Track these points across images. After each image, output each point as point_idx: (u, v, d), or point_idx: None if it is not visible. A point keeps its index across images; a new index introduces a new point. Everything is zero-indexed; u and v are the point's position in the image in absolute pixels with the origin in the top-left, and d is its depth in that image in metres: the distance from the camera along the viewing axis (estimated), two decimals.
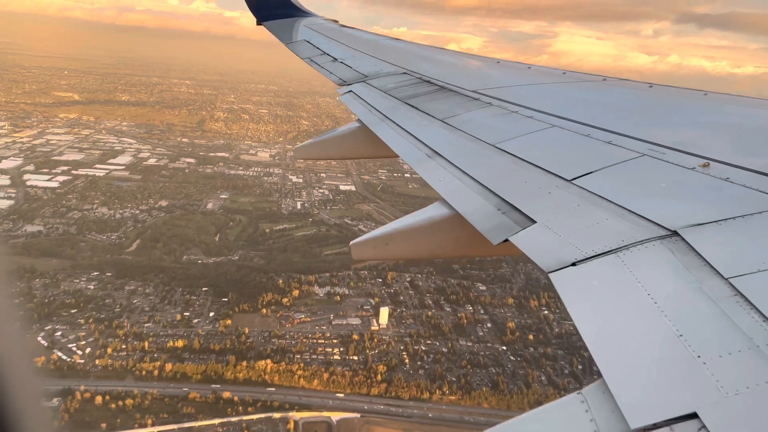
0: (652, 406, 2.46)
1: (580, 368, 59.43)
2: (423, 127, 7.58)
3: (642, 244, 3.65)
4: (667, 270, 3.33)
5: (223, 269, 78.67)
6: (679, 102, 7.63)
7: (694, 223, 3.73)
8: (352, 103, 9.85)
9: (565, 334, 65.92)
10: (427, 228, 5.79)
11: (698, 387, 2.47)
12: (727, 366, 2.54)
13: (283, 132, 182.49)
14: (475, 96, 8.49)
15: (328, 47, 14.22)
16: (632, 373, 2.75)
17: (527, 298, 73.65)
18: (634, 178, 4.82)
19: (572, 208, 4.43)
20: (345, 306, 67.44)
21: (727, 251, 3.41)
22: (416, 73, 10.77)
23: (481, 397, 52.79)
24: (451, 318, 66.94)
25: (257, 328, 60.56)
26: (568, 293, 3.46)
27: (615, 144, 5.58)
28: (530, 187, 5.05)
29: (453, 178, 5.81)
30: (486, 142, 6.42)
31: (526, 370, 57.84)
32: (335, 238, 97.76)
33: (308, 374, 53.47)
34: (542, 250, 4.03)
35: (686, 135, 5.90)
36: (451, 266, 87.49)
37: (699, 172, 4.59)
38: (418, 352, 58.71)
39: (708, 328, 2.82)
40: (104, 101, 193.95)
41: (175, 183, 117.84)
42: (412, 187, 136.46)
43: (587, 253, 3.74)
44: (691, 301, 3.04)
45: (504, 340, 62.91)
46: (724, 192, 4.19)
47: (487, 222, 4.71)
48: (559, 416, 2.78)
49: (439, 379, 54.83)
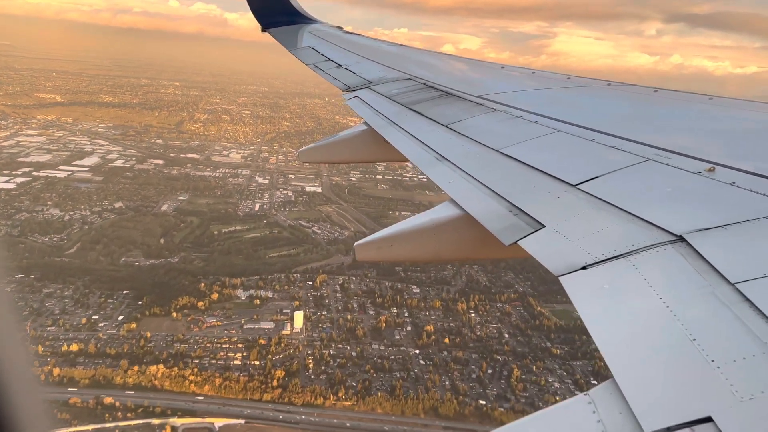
0: (666, 409, 2.46)
1: (489, 372, 58.52)
2: (428, 133, 7.63)
3: (650, 249, 3.66)
4: (678, 274, 3.32)
5: (155, 272, 78.27)
6: (684, 106, 7.72)
7: (699, 228, 3.72)
8: (359, 108, 9.97)
9: (485, 338, 65.05)
10: (432, 230, 5.77)
11: (712, 391, 2.47)
12: (742, 370, 2.53)
13: (261, 133, 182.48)
14: (480, 101, 8.54)
15: (332, 53, 14.34)
16: (645, 376, 2.76)
17: (457, 300, 72.75)
18: (639, 182, 4.85)
19: (578, 213, 4.45)
20: (264, 310, 66.89)
21: (733, 256, 3.42)
22: (420, 78, 10.86)
23: (376, 402, 51.96)
24: (372, 321, 66.18)
25: (162, 332, 60.05)
26: (579, 296, 3.49)
27: (620, 149, 5.58)
28: (535, 191, 5.10)
29: (462, 181, 5.87)
30: (491, 148, 6.46)
31: (431, 374, 56.94)
32: (285, 240, 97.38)
33: (200, 380, 52.91)
34: (551, 254, 4.05)
35: (691, 139, 5.98)
36: (393, 268, 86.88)
37: (704, 176, 4.59)
38: (324, 357, 57.97)
39: (721, 333, 2.82)
40: (86, 103, 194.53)
41: (135, 185, 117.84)
42: (381, 188, 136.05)
43: (597, 258, 3.76)
44: (703, 306, 3.03)
45: (418, 343, 62.08)
46: (730, 197, 4.19)
47: (499, 223, 4.77)
48: (566, 417, 2.80)
49: (338, 384, 54.06)
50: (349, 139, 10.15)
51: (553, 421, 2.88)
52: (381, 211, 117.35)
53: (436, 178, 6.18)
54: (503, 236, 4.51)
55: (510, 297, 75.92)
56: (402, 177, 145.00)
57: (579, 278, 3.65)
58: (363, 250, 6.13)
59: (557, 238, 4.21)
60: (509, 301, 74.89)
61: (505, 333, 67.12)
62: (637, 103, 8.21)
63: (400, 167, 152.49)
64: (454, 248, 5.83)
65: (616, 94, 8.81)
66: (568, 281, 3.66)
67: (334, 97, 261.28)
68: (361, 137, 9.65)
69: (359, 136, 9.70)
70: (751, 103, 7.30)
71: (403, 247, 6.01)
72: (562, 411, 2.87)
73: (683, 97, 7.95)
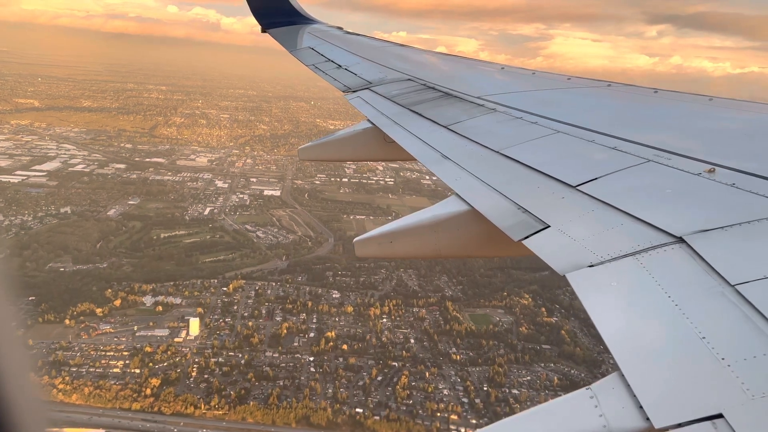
0: (676, 405, 2.46)
1: (379, 379, 57.43)
2: (429, 134, 7.65)
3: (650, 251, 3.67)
4: (686, 274, 3.33)
5: (73, 278, 77.84)
6: (684, 107, 7.71)
7: (699, 229, 3.74)
8: (362, 107, 10.07)
9: (388, 344, 63.95)
10: (432, 226, 5.76)
11: (723, 388, 2.48)
12: (753, 369, 2.53)
13: (236, 137, 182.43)
14: (480, 102, 8.56)
15: (332, 54, 14.40)
16: (654, 372, 2.77)
17: (370, 306, 71.67)
18: (639, 184, 4.86)
19: (579, 215, 4.47)
20: (166, 317, 66.11)
21: (733, 258, 3.42)
22: (420, 79, 10.90)
23: (247, 411, 51.08)
24: (276, 328, 65.25)
25: (48, 340, 59.46)
26: (586, 293, 3.49)
27: (620, 150, 5.59)
28: (536, 192, 5.10)
29: (469, 178, 5.90)
30: (490, 149, 6.48)
31: (317, 382, 55.97)
32: (224, 245, 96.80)
33: (70, 389, 52.27)
34: (556, 253, 4.07)
35: (691, 140, 5.96)
36: (324, 273, 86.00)
37: (704, 177, 4.60)
38: (210, 365, 57.12)
39: (731, 332, 2.82)
40: (62, 108, 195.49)
41: (89, 189, 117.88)
42: (343, 192, 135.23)
43: (603, 257, 3.78)
44: (712, 305, 3.03)
45: (314, 350, 61.09)
46: (730, 198, 4.20)
47: (507, 220, 4.78)
48: (568, 411, 2.83)
49: (214, 393, 53.19)
50: (349, 137, 10.12)
51: (554, 414, 2.92)
52: (335, 215, 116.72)
53: (442, 174, 6.19)
54: (512, 232, 4.55)
55: (428, 302, 74.75)
56: (368, 181, 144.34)
57: (586, 275, 3.67)
58: (362, 246, 6.11)
59: (562, 238, 4.23)
60: (427, 306, 73.73)
61: (412, 338, 65.98)
62: (637, 104, 8.23)
63: (369, 170, 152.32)
64: (455, 245, 5.78)
65: (616, 95, 8.79)
66: (574, 278, 3.66)
67: (320, 101, 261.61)
68: (362, 136, 9.68)
69: (360, 135, 9.72)
70: (751, 103, 7.29)
71: (403, 243, 6.00)
72: (564, 405, 2.90)
73: (683, 98, 7.93)
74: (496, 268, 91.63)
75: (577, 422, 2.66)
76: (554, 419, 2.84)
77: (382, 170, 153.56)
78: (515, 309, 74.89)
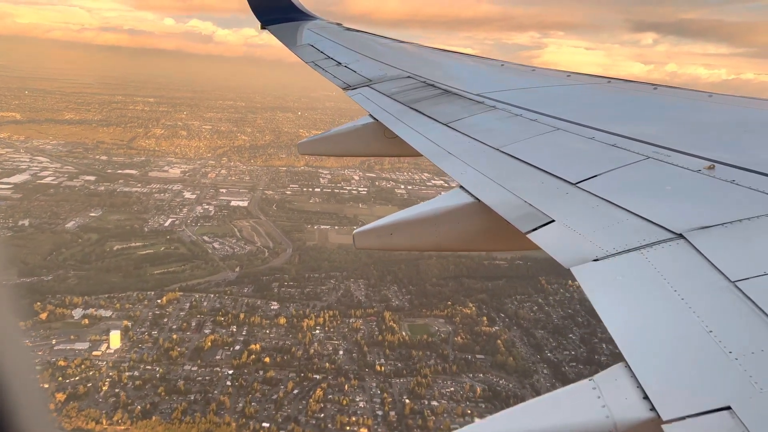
0: (684, 398, 2.46)
1: (296, 392, 56.29)
2: (429, 132, 7.64)
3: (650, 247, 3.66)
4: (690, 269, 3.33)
5: (14, 291, 77.10)
6: (683, 104, 7.68)
7: (699, 226, 3.73)
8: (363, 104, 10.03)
9: (314, 356, 62.82)
10: (433, 219, 5.74)
11: (731, 382, 2.48)
12: (761, 363, 2.53)
13: (214, 147, 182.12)
14: (479, 99, 8.54)
15: (332, 51, 14.38)
16: (661, 365, 2.76)
17: (304, 317, 70.59)
18: (638, 180, 4.86)
19: (579, 212, 4.48)
20: (90, 330, 65.22)
21: (733, 254, 3.41)
22: (420, 76, 10.90)
23: (149, 426, 50.04)
24: (200, 341, 64.21)
25: None
26: (591, 286, 3.50)
27: (619, 147, 5.59)
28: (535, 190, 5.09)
29: (474, 172, 5.89)
30: (490, 146, 6.46)
31: (228, 396, 54.84)
32: (177, 257, 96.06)
33: None
34: (561, 247, 4.09)
35: (691, 137, 5.95)
36: (270, 284, 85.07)
37: (704, 174, 4.59)
38: (122, 379, 56.13)
39: (738, 326, 2.81)
40: (43, 120, 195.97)
41: (52, 202, 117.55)
42: (313, 201, 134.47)
43: (608, 251, 3.78)
44: (718, 300, 3.03)
45: (234, 363, 60.02)
46: (730, 194, 4.20)
47: (514, 212, 4.80)
48: (570, 401, 2.83)
49: (121, 408, 52.18)
50: (349, 132, 10.13)
51: (557, 405, 2.90)
52: (298, 225, 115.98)
53: (448, 169, 6.23)
54: (520, 224, 4.57)
55: (366, 312, 73.63)
56: (340, 190, 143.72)
57: (591, 269, 3.68)
58: (362, 238, 6.09)
59: (566, 232, 4.25)
60: (365, 316, 72.60)
61: (341, 350, 64.82)
62: (637, 101, 8.18)
63: (344, 180, 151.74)
64: (455, 238, 5.76)
65: (616, 92, 8.76)
66: (580, 272, 3.67)
67: (307, 111, 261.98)
68: (362, 131, 9.70)
69: (360, 130, 9.75)
70: (750, 100, 7.26)
71: (403, 235, 5.96)
72: (566, 395, 2.89)
73: (683, 94, 7.93)
74: (449, 277, 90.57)
75: (579, 412, 2.66)
76: (557, 410, 2.84)
77: (357, 180, 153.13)
78: (455, 318, 73.59)
